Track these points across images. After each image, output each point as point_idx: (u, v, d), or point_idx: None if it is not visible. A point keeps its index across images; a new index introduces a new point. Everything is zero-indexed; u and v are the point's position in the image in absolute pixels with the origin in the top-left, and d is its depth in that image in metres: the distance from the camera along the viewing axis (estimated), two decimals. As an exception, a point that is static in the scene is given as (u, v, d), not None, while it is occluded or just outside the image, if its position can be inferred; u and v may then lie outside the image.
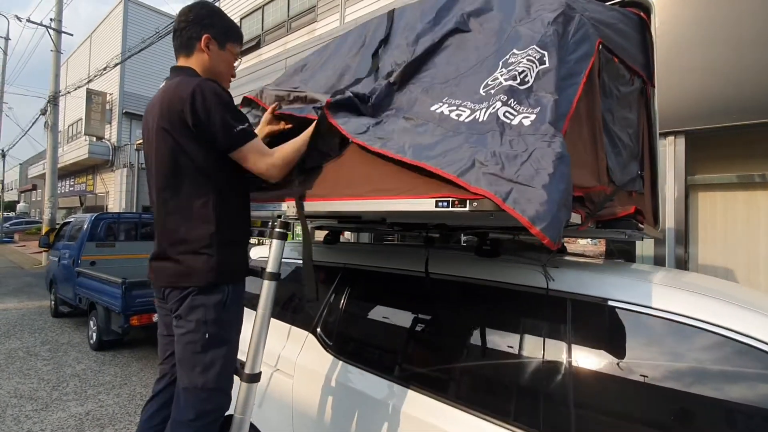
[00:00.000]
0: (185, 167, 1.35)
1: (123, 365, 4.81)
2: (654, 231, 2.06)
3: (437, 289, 1.59)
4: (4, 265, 14.22)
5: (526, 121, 1.02)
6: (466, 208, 0.93)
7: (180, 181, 1.35)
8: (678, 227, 3.73)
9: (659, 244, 3.77)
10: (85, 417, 3.51)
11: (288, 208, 1.38)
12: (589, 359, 1.20)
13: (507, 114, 1.05)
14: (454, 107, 1.18)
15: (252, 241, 2.46)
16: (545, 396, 1.21)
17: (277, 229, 1.34)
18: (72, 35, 15.18)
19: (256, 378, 1.34)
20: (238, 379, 1.36)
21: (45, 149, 14.58)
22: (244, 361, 1.34)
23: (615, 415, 1.13)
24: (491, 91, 1.14)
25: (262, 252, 2.33)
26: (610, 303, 1.22)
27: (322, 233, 2.30)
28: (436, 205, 0.97)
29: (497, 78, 1.16)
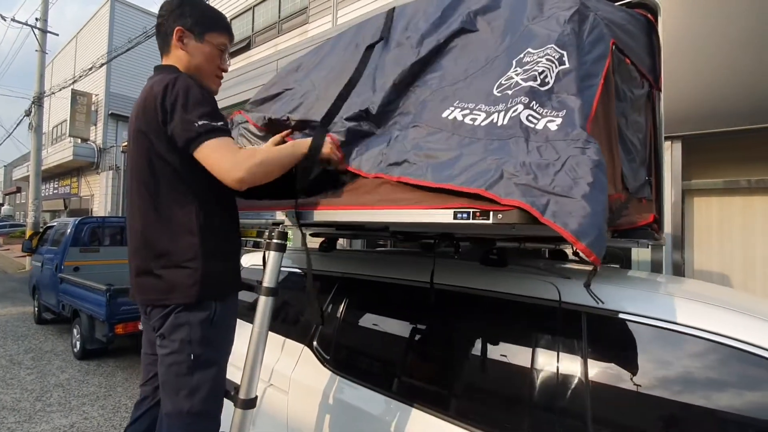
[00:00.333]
0: (163, 172, 1.23)
1: (107, 375, 4.65)
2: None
3: (441, 300, 1.51)
4: (-14, 270, 13.85)
5: (552, 126, 0.94)
6: (489, 220, 0.85)
7: (159, 188, 1.23)
8: (675, 232, 3.71)
9: (656, 250, 3.74)
10: (70, 429, 3.37)
11: (287, 215, 1.28)
12: (606, 377, 1.13)
13: (530, 118, 0.97)
14: (467, 111, 1.09)
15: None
16: (558, 416, 1.13)
17: (275, 240, 1.24)
18: (57, 35, 14.87)
19: (251, 404, 1.23)
20: (231, 404, 1.25)
21: (29, 151, 14.22)
22: (238, 384, 1.23)
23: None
24: (508, 92, 1.06)
25: (256, 260, 2.23)
26: (631, 318, 1.15)
27: (316, 239, 2.21)
28: (455, 217, 0.89)
29: (512, 78, 1.08)
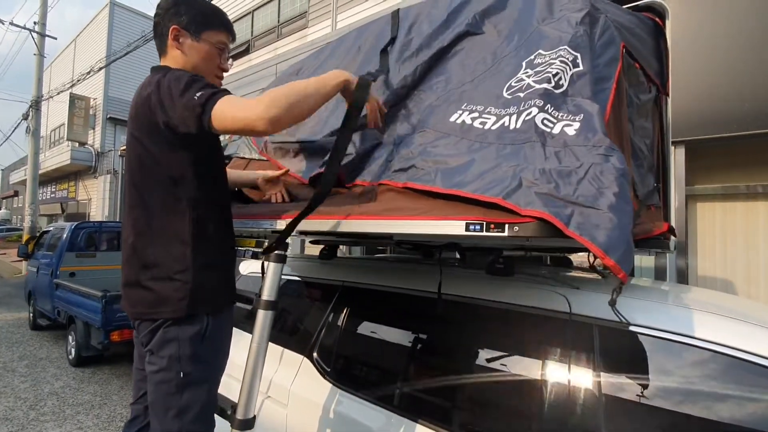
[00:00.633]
0: (157, 178, 1.17)
1: (103, 383, 4.57)
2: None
3: (445, 311, 1.46)
4: (-19, 275, 13.73)
5: (570, 130, 0.89)
6: (505, 232, 0.79)
7: (152, 195, 1.18)
8: (679, 238, 3.67)
9: (660, 256, 3.70)
10: (62, 441, 3.30)
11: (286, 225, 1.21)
12: (620, 393, 1.08)
13: (546, 121, 0.91)
14: (476, 114, 1.04)
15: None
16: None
17: (274, 251, 1.19)
18: (56, 39, 14.82)
19: (249, 424, 1.17)
20: (225, 422, 1.20)
21: (27, 155, 14.15)
22: (235, 401, 1.17)
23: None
24: (519, 95, 1.01)
25: (254, 267, 2.18)
26: (645, 331, 1.10)
27: (314, 246, 2.16)
28: (467, 229, 0.83)
29: (523, 80, 1.03)
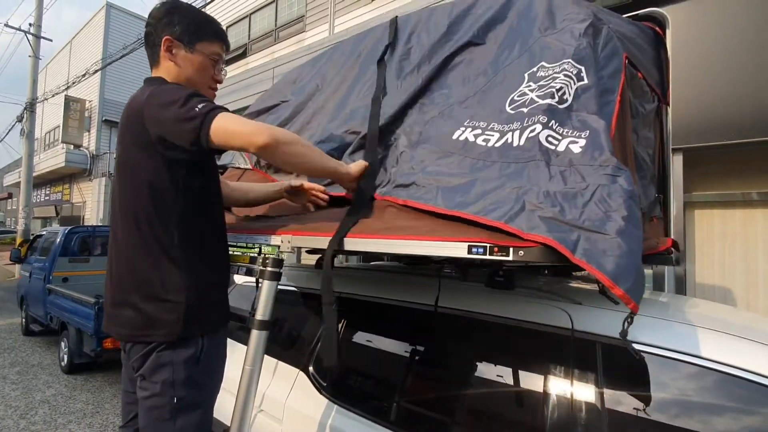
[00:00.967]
0: (147, 194, 1.12)
1: (95, 390, 4.50)
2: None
3: (445, 325, 1.43)
4: (-27, 278, 13.57)
5: (575, 148, 0.86)
6: (510, 256, 0.75)
7: (141, 212, 1.13)
8: (677, 245, 3.66)
9: (658, 263, 3.69)
10: (53, 451, 3.24)
11: (282, 242, 1.17)
12: (625, 413, 1.05)
13: (550, 139, 0.88)
14: (479, 131, 1.01)
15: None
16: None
17: (269, 269, 1.14)
18: (51, 41, 14.75)
19: (242, 449, 1.13)
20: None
21: (21, 157, 14.03)
22: (228, 426, 1.13)
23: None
24: (523, 110, 0.98)
25: (248, 277, 2.14)
26: (649, 349, 1.07)
27: (312, 255, 2.13)
28: (470, 252, 0.80)
29: (526, 94, 1.00)
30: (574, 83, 0.97)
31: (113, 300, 1.18)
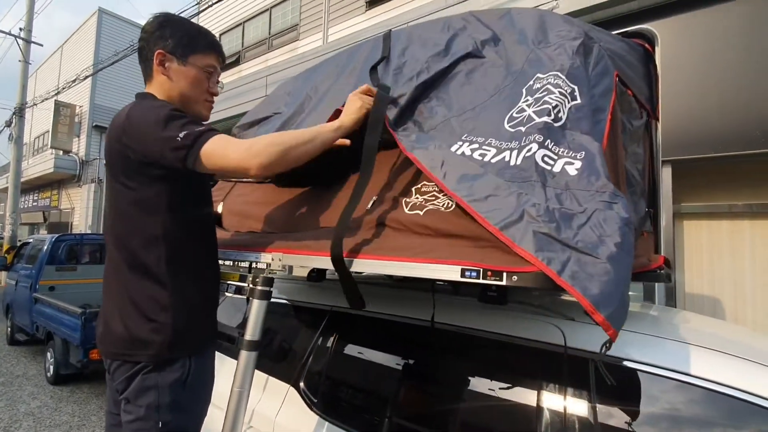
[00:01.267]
0: (133, 214, 1.11)
1: (81, 402, 4.41)
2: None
3: (438, 340, 1.42)
4: (-43, 286, 13.28)
5: (571, 169, 0.86)
6: (503, 281, 0.75)
7: (129, 231, 1.11)
8: (667, 256, 3.69)
9: (648, 273, 3.72)
10: (36, 466, 3.16)
11: (273, 260, 1.15)
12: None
13: (546, 158, 0.88)
14: (476, 145, 1.00)
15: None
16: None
17: (259, 287, 1.12)
18: (42, 45, 14.60)
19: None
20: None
21: (8, 162, 13.84)
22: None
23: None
24: (521, 129, 0.97)
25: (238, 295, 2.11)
26: (643, 368, 1.07)
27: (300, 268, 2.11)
28: (462, 275, 0.79)
29: (524, 110, 1.00)
30: (569, 102, 0.98)
31: (105, 316, 1.16)
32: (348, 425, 1.43)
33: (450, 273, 0.82)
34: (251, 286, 1.15)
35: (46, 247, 6.06)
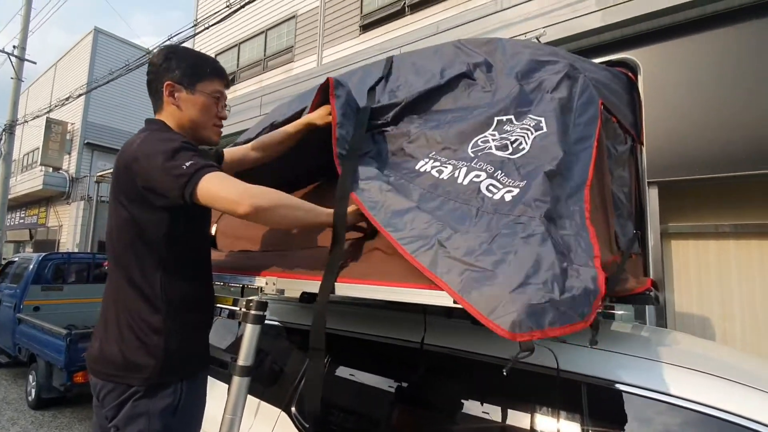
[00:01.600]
0: (134, 241, 1.13)
1: (63, 427, 4.27)
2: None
3: (430, 363, 1.42)
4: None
5: (508, 197, 0.96)
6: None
7: (128, 256, 1.13)
8: (656, 276, 3.74)
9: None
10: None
11: (267, 284, 1.16)
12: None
13: (491, 187, 0.98)
14: (438, 163, 1.11)
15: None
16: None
17: (252, 312, 1.12)
18: (35, 63, 14.65)
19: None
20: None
21: (-4, 179, 13.67)
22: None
23: None
24: (479, 153, 1.07)
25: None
26: (636, 391, 1.08)
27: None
28: (455, 301, 0.82)
29: (488, 141, 1.08)
30: (532, 133, 1.04)
31: (100, 335, 1.16)
32: (340, 451, 1.41)
33: (441, 298, 0.86)
34: (244, 310, 1.15)
35: (32, 266, 5.93)
